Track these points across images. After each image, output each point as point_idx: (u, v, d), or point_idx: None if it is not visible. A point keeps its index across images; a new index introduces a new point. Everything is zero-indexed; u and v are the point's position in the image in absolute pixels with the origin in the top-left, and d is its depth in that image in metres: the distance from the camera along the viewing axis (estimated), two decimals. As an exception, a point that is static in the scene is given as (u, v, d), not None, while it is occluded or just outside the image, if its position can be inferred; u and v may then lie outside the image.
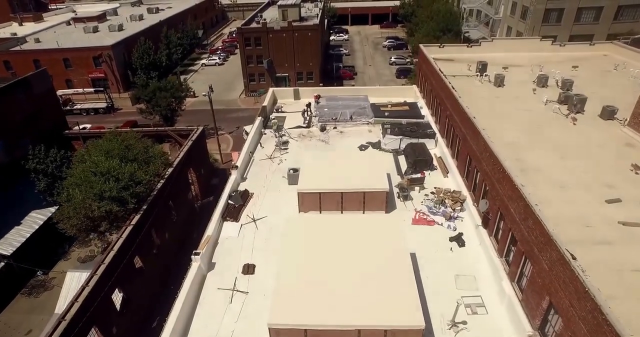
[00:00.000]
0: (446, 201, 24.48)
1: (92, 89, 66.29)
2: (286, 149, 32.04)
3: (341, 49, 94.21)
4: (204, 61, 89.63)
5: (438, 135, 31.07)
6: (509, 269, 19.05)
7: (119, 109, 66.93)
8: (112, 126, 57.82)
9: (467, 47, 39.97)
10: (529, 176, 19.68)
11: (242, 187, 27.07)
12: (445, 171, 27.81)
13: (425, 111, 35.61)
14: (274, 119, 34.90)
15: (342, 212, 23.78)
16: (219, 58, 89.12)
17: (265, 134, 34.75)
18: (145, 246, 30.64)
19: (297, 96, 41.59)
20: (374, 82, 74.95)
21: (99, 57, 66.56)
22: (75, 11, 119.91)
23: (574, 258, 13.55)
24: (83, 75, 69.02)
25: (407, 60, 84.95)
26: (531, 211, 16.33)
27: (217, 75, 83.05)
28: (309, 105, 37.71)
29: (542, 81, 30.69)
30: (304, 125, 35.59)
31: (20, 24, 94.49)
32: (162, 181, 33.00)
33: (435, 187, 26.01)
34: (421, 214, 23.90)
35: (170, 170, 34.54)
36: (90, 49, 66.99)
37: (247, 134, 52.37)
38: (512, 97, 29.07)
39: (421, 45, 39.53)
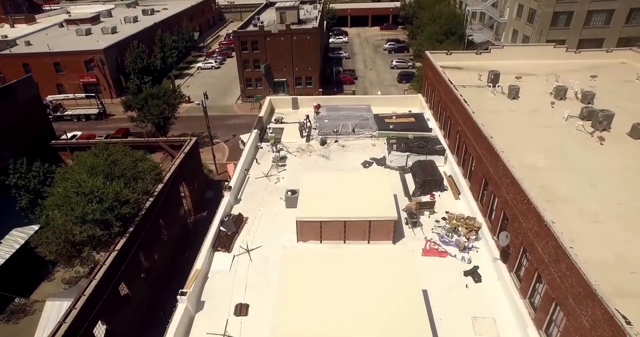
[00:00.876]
0: (459, 228, 22.26)
1: (83, 95, 63.91)
2: (284, 165, 29.79)
3: (341, 52, 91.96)
4: (200, 64, 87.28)
5: (448, 151, 28.83)
6: (534, 314, 16.83)
7: (111, 115, 64.53)
8: (104, 134, 55.66)
9: (476, 54, 37.75)
10: (556, 207, 17.45)
11: (235, 211, 24.81)
12: (457, 193, 25.58)
13: (432, 124, 33.38)
14: (271, 132, 32.63)
15: (345, 242, 21.57)
16: (215, 61, 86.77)
17: (261, 148, 32.51)
18: (132, 271, 28.35)
19: (295, 105, 39.35)
20: (375, 87, 72.71)
21: (90, 61, 64.26)
22: (69, 12, 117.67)
23: (629, 323, 11.33)
24: (74, 80, 66.74)
25: (409, 63, 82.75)
26: (565, 254, 14.12)
27: (213, 79, 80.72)
28: (307, 117, 35.49)
29: (560, 93, 28.49)
30: (302, 138, 33.40)
31: (12, 26, 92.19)
32: (151, 199, 30.75)
33: (446, 212, 23.78)
34: (432, 243, 21.68)
35: (160, 186, 32.29)
36: (82, 53, 64.69)
37: (243, 143, 50.16)
38: (529, 112, 26.85)
39: (427, 52, 37.31)
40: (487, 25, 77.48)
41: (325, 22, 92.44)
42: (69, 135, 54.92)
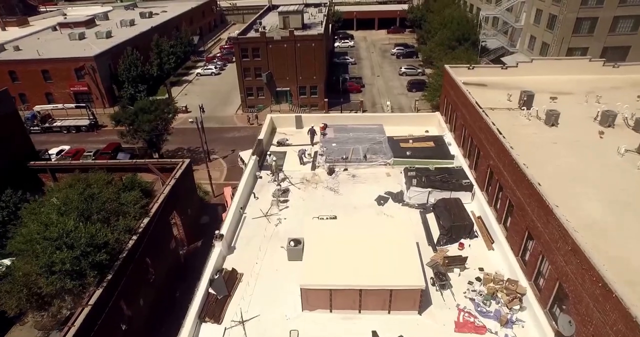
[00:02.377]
0: (498, 293, 18.29)
1: (72, 105, 60.06)
2: (286, 200, 25.84)
3: (347, 57, 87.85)
4: (199, 70, 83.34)
5: (476, 187, 24.81)
6: None
7: (103, 126, 60.66)
8: (94, 149, 51.87)
9: (502, 69, 33.73)
10: (641, 291, 13.45)
11: (228, 264, 20.89)
12: (490, 241, 21.57)
13: (454, 149, 29.27)
14: (273, 159, 28.53)
15: (360, 312, 17.63)
16: (215, 67, 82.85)
17: (260, 177, 28.53)
18: (110, 324, 24.45)
19: (299, 124, 35.38)
20: (384, 95, 68.76)
21: (80, 69, 60.41)
22: (65, 15, 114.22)
23: None
24: (64, 89, 62.97)
25: (419, 70, 78.74)
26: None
27: (212, 86, 76.88)
28: (312, 132, 31.65)
29: (608, 119, 24.48)
30: (304, 166, 29.60)
31: (3, 29, 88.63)
32: (135, 237, 26.85)
33: (480, 269, 19.78)
34: (466, 314, 17.69)
35: (146, 220, 28.41)
36: (71, 60, 60.75)
37: (243, 162, 46.28)
38: (573, 144, 22.86)
39: (447, 67, 33.37)
40: (502, 30, 73.41)
41: (330, 25, 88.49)
42: (55, 150, 51.40)
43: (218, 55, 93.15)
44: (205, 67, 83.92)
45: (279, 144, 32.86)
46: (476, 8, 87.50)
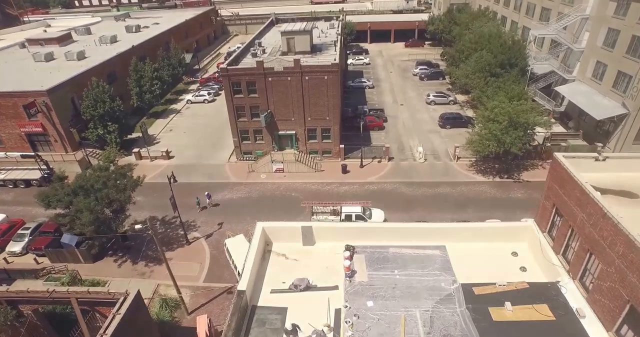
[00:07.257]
0: None
1: (17, 154, 47.15)
2: None
3: (363, 79, 74.13)
4: (189, 97, 70.16)
5: None
6: None
7: (61, 179, 47.56)
8: (37, 220, 39.04)
9: (651, 160, 20.17)
10: None
11: None
12: None
13: (594, 327, 15.81)
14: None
15: None
16: (209, 93, 69.55)
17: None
18: None
19: (308, 240, 22.14)
20: (411, 133, 55.19)
21: (30, 106, 47.35)
22: (49, 25, 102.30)
23: None
24: (13, 129, 50.00)
25: (450, 98, 65.23)
26: None
27: (204, 117, 63.74)
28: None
29: None
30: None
31: (-35, 46, 76.31)
32: None
33: None
34: None
35: None
36: (17, 95, 47.61)
37: (229, 255, 33.05)
38: None
39: (558, 156, 19.84)
40: (554, 54, 59.77)
41: (343, 38, 75.01)
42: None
43: (215, 74, 79.70)
44: (197, 93, 70.63)
45: (295, 287, 18.95)
46: (511, 21, 74.14)
